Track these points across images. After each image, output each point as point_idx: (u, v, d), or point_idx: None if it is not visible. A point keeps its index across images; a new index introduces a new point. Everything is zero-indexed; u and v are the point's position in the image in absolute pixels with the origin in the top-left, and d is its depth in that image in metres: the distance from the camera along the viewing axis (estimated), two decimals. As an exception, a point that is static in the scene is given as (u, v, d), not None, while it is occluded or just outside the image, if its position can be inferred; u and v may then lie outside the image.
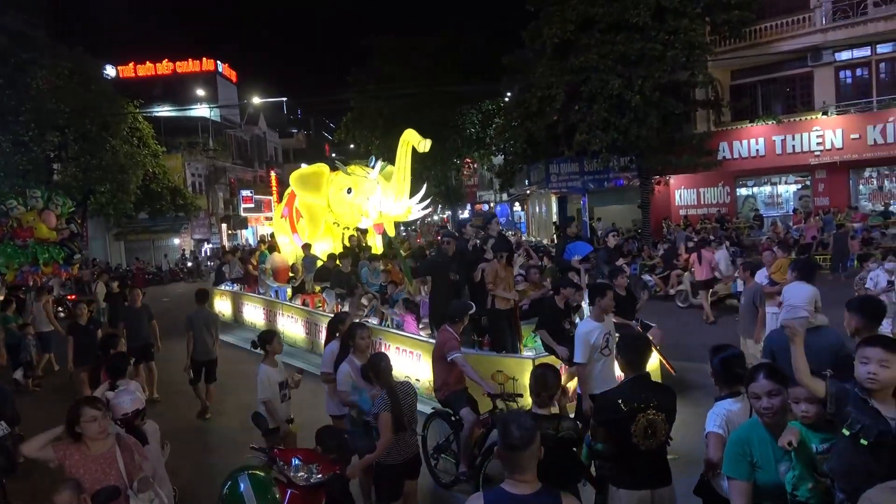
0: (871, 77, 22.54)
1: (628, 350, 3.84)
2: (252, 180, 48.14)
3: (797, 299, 5.95)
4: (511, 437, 2.55)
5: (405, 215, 13.21)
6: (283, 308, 13.13)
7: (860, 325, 4.08)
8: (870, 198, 23.38)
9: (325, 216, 13.73)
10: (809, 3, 22.44)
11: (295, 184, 13.82)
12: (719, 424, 3.46)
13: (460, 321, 6.04)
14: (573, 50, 20.68)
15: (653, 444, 3.56)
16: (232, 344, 13.32)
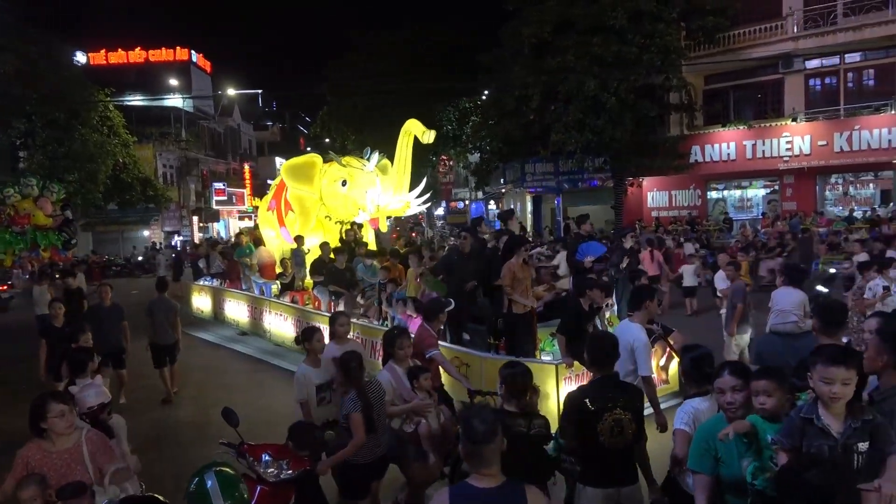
0: (839, 85, 23.09)
1: (596, 349, 3.88)
2: (225, 173, 47.54)
3: (786, 304, 5.97)
4: (473, 431, 2.59)
5: (403, 210, 12.72)
6: (270, 305, 12.52)
7: (817, 328, 4.22)
8: (835, 203, 23.97)
9: (317, 209, 13.12)
10: (782, 12, 22.88)
11: (286, 174, 13.10)
12: (686, 422, 3.55)
13: (437, 319, 6.06)
14: (550, 51, 20.81)
15: (619, 444, 3.61)
16: (211, 342, 13.05)
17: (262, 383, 9.70)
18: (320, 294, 11.24)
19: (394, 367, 5.10)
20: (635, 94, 20.18)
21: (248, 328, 13.22)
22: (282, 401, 8.03)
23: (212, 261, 15.85)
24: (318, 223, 13.24)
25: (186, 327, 13.91)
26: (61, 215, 20.27)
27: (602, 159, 23.03)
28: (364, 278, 10.86)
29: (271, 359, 11.20)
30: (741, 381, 3.14)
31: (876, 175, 23.33)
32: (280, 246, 14.28)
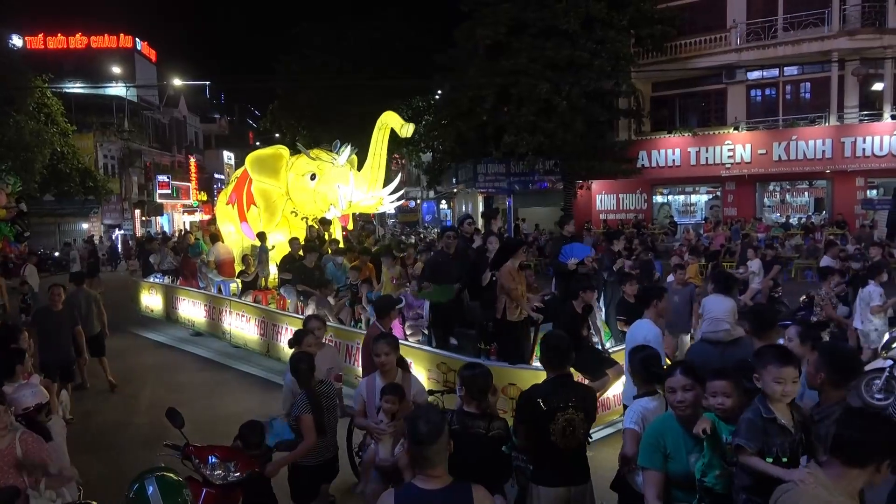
0: (779, 97, 24.08)
1: (551, 349, 3.91)
2: (170, 165, 46.14)
3: (718, 312, 5.92)
4: (419, 431, 2.58)
5: (375, 207, 12.19)
6: (231, 305, 11.64)
7: (750, 330, 4.39)
8: (773, 210, 24.97)
9: (283, 204, 12.38)
10: (726, 24, 23.68)
11: (251, 166, 12.32)
12: (635, 421, 3.63)
13: (388, 316, 6.01)
14: (504, 52, 20.99)
15: (571, 444, 3.65)
16: (162, 343, 12.32)
17: (218, 386, 9.21)
18: (287, 294, 10.68)
19: (375, 378, 4.56)
20: (586, 99, 20.56)
21: (205, 329, 12.47)
22: (242, 405, 7.87)
23: (163, 256, 15.00)
24: (283, 219, 12.59)
25: (134, 327, 13.50)
26: (15, 207, 19.39)
27: (553, 162, 23.37)
28: (334, 278, 10.37)
29: (230, 361, 10.61)
30: (691, 380, 3.23)
31: (811, 184, 24.43)
32: (240, 242, 13.63)
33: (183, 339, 12.48)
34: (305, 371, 4.44)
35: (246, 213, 13.04)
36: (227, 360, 10.76)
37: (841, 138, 22.12)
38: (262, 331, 10.66)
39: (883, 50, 21.59)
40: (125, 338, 12.44)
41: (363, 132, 12.80)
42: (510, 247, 7.43)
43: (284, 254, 11.31)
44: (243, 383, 9.27)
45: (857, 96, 22.38)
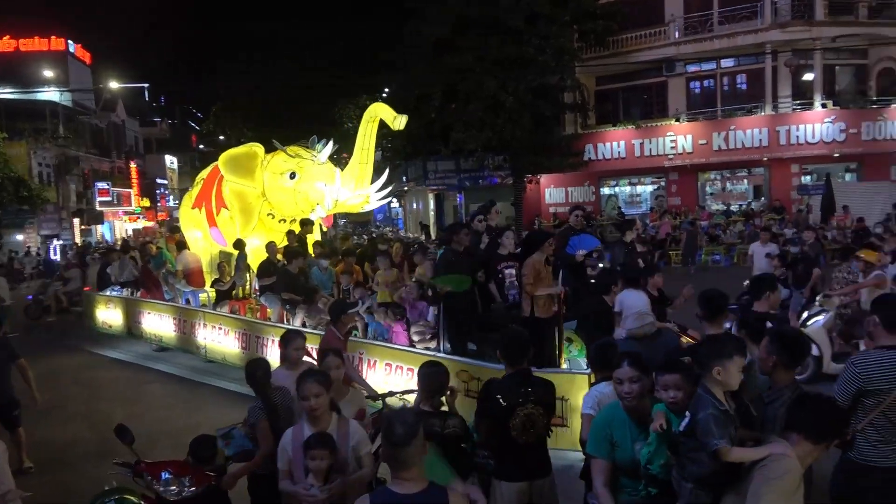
0: (716, 88, 24.86)
1: (510, 345, 3.95)
2: (109, 172, 44.57)
3: (641, 306, 5.99)
4: (394, 433, 2.56)
5: (361, 205, 11.38)
6: (205, 317, 10.81)
7: (703, 317, 4.51)
8: (715, 198, 25.78)
9: (260, 206, 11.53)
10: (664, 18, 24.29)
11: (223, 166, 11.38)
12: (591, 406, 3.73)
13: (342, 322, 5.94)
14: (450, 50, 21.03)
15: (531, 438, 3.69)
16: (123, 361, 11.46)
17: (190, 403, 8.63)
18: (269, 302, 10.04)
19: (302, 427, 3.71)
20: (532, 95, 20.78)
21: (175, 343, 11.61)
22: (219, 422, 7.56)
23: (123, 267, 13.80)
24: (259, 222, 11.75)
25: (91, 345, 12.62)
26: None
27: (502, 157, 23.56)
28: (319, 283, 9.76)
29: (204, 377, 9.92)
30: (639, 372, 3.30)
31: (749, 172, 25.32)
32: (208, 249, 12.78)
33: (147, 356, 11.67)
34: (261, 378, 4.36)
35: (216, 217, 12.14)
36: (200, 376, 10.07)
37: (776, 127, 22.98)
38: (243, 343, 9.89)
39: (812, 41, 22.53)
40: (78, 355, 11.80)
41: (309, 133, 12.36)
42: (537, 240, 7.02)
43: (262, 259, 10.65)
44: (219, 399, 8.70)
45: (789, 86, 23.28)
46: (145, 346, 12.15)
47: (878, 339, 3.54)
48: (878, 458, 3.42)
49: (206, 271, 12.71)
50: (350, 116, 33.12)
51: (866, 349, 3.81)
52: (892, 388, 3.36)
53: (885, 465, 3.40)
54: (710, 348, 3.11)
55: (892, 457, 3.40)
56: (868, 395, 3.42)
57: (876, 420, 3.41)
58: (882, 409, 3.39)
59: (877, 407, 3.40)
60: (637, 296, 6.15)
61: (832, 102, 23.34)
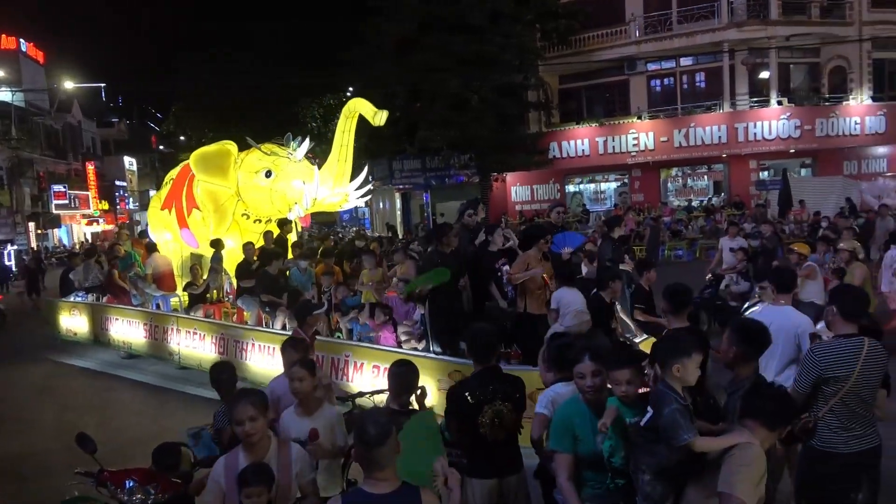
0: (676, 86, 25.33)
1: (477, 342, 3.96)
2: (66, 174, 43.37)
3: (578, 304, 6.02)
4: (366, 433, 2.55)
5: (340, 204, 11.05)
6: (179, 322, 10.35)
7: (667, 310, 4.61)
8: (676, 194, 26.27)
9: (234, 206, 11.12)
10: (625, 18, 24.65)
11: (195, 165, 10.94)
12: (545, 405, 3.73)
13: (307, 324, 5.88)
14: (414, 48, 21.01)
15: (500, 435, 3.70)
16: (90, 369, 10.91)
17: (162, 411, 8.22)
18: (246, 305, 9.73)
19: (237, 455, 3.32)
20: (497, 93, 20.90)
21: (146, 350, 11.11)
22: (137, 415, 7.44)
23: (87, 271, 13.12)
24: (233, 223, 11.35)
25: (55, 354, 12.04)
26: None
27: (467, 156, 23.64)
28: (299, 284, 9.45)
29: (178, 385, 9.46)
30: (599, 366, 3.34)
31: (709, 168, 25.88)
32: (178, 251, 12.32)
33: (116, 364, 11.18)
34: (226, 381, 4.30)
35: (187, 218, 11.66)
36: (173, 383, 9.63)
37: (734, 124, 23.53)
38: (220, 349, 9.43)
39: (768, 40, 23.13)
40: (40, 365, 11.27)
41: (273, 132, 12.10)
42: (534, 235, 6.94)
43: (238, 261, 10.32)
44: (194, 406, 8.25)
45: (746, 84, 23.87)
46: (113, 353, 11.65)
47: (836, 329, 3.66)
48: (838, 445, 3.53)
49: (177, 275, 12.28)
50: (313, 115, 32.81)
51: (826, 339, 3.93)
52: (849, 375, 3.47)
53: (846, 451, 3.51)
54: (670, 346, 3.15)
55: (851, 443, 3.52)
56: (827, 382, 3.52)
57: (835, 407, 3.52)
58: (841, 396, 3.50)
59: (836, 394, 3.51)
60: (573, 294, 6.19)
61: (787, 100, 24.02)
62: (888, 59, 24.95)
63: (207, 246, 11.36)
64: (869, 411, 3.57)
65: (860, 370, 3.47)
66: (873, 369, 3.53)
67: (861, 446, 3.52)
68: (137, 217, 53.65)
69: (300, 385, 3.86)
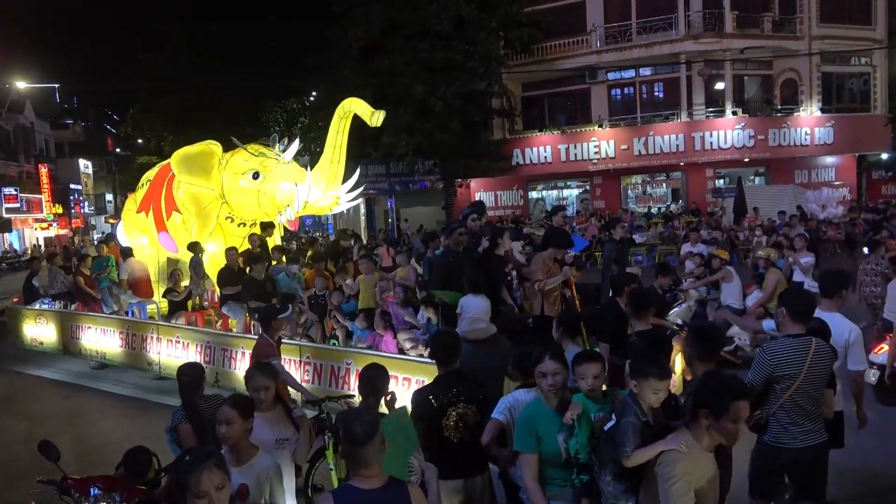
0: (636, 95, 25.91)
1: (439, 346, 4.06)
2: (17, 176, 41.99)
3: (475, 311, 6.08)
4: (354, 433, 2.63)
5: (331, 207, 10.72)
6: (159, 330, 9.80)
7: (630, 312, 4.78)
8: (636, 201, 26.83)
9: (218, 209, 10.68)
10: (586, 27, 25.13)
11: (178, 166, 10.42)
12: (501, 411, 3.81)
13: (273, 328, 5.88)
14: (379, 53, 21.05)
15: (465, 436, 3.79)
16: (59, 381, 10.31)
17: (138, 423, 7.71)
18: (232, 312, 9.35)
19: None
20: (461, 100, 21.07)
21: (122, 360, 10.52)
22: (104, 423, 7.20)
23: (53, 277, 12.43)
24: (216, 226, 10.94)
25: (20, 365, 11.35)
26: None
27: (432, 162, 23.75)
28: (287, 289, 9.19)
29: (156, 396, 8.95)
30: (561, 364, 3.48)
31: (668, 176, 26.52)
32: (155, 256, 11.82)
33: (86, 375, 10.60)
34: (186, 382, 4.33)
35: (166, 221, 11.18)
36: (150, 394, 9.15)
37: (691, 133, 24.18)
38: (207, 358, 8.92)
39: (723, 52, 23.86)
40: (2, 376, 10.70)
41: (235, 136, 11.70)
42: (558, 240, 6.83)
43: (220, 266, 9.90)
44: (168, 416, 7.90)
45: (703, 94, 24.55)
46: (82, 364, 11.05)
47: (786, 329, 3.85)
48: (788, 440, 3.73)
49: (154, 280, 11.79)
50: (276, 120, 32.49)
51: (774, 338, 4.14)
52: (799, 372, 3.66)
53: (794, 447, 3.72)
54: (634, 363, 3.30)
55: (800, 438, 3.72)
56: (778, 380, 3.71)
57: (785, 404, 3.72)
58: (790, 393, 3.69)
59: (786, 391, 3.70)
60: (476, 301, 6.21)
61: (741, 110, 24.80)
62: (836, 72, 26.01)
63: (187, 250, 10.88)
64: (817, 408, 3.77)
65: (808, 368, 3.67)
66: (820, 368, 3.73)
67: (809, 441, 3.72)
68: (93, 221, 52.31)
69: (227, 430, 3.27)
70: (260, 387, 3.86)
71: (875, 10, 25.79)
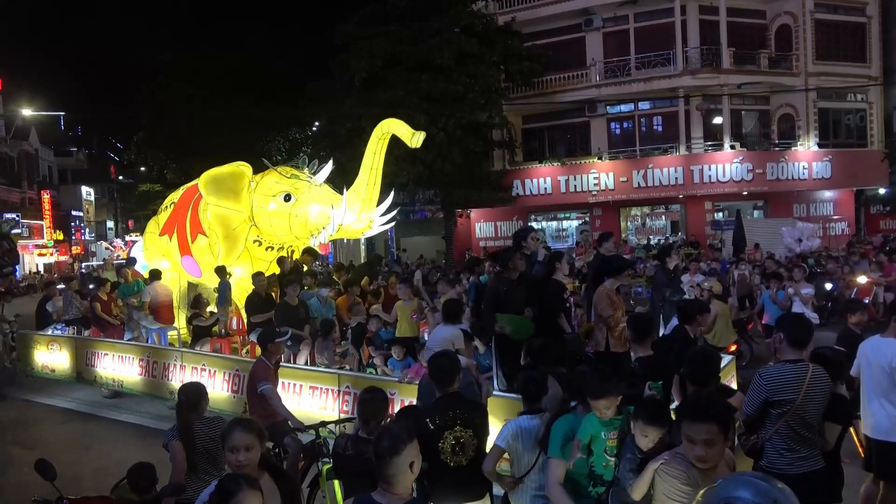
0: (635, 129, 26.17)
1: (436, 371, 4.03)
2: (19, 203, 42.26)
3: (434, 343, 5.90)
4: (378, 445, 2.66)
5: (364, 230, 10.46)
6: (183, 357, 9.42)
7: (632, 338, 4.79)
8: (636, 233, 26.90)
9: (247, 232, 10.38)
10: (586, 62, 25.51)
11: (206, 188, 10.19)
12: (504, 437, 3.79)
13: (267, 350, 5.84)
14: (381, 84, 21.31)
15: (462, 461, 3.75)
16: (73, 410, 9.99)
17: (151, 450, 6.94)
18: None
19: None
20: (462, 130, 21.28)
21: (141, 388, 10.06)
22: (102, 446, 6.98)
23: (67, 302, 12.08)
24: (244, 250, 10.63)
25: (25, 392, 11.09)
26: None
27: (432, 191, 23.87)
28: (319, 315, 8.95)
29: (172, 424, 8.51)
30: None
31: (667, 208, 26.62)
32: (176, 280, 11.65)
33: (98, 403, 10.25)
34: (183, 401, 4.30)
35: (190, 244, 10.86)
36: (165, 423, 8.33)
37: (690, 166, 24.36)
38: (235, 387, 8.49)
39: (720, 87, 24.18)
40: (8, 404, 10.43)
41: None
42: (613, 267, 6.58)
43: (246, 291, 9.69)
44: None
45: (701, 128, 24.80)
46: (95, 392, 10.66)
47: (783, 354, 3.86)
48: (784, 466, 3.69)
49: (175, 306, 11.56)
50: (279, 150, 32.72)
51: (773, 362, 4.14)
52: (795, 398, 3.65)
53: (791, 473, 3.66)
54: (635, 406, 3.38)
55: (797, 464, 3.67)
56: (774, 405, 3.70)
57: (781, 429, 3.70)
58: (786, 418, 3.67)
59: (782, 417, 3.69)
60: (440, 331, 6.03)
61: (739, 144, 25.03)
62: (832, 108, 26.32)
63: (212, 274, 10.58)
64: (814, 434, 3.74)
65: (805, 394, 3.65)
66: (817, 393, 3.71)
67: (805, 468, 3.68)
68: (93, 248, 52.36)
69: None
70: (239, 446, 2.96)
71: (870, 48, 26.22)
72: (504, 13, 25.19)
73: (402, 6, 22.07)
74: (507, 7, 25.55)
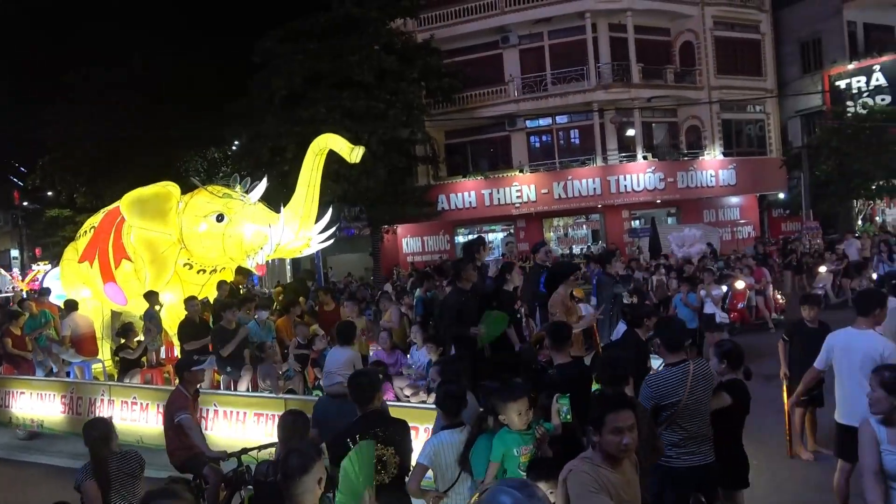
0: (553, 142, 26.99)
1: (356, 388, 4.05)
2: None
3: (331, 365, 5.87)
4: (286, 463, 2.69)
5: (301, 250, 10.14)
6: (111, 391, 8.76)
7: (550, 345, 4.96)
8: (559, 243, 27.65)
9: (176, 255, 9.86)
10: (504, 78, 26.15)
11: (129, 210, 9.61)
12: (427, 454, 3.83)
13: (187, 380, 5.68)
14: (302, 102, 21.12)
15: (384, 479, 3.75)
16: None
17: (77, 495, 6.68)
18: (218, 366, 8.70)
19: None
20: (385, 147, 21.34)
21: (64, 427, 9.27)
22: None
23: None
24: (173, 274, 10.13)
25: None
26: None
27: (358, 208, 23.78)
28: (257, 338, 8.71)
29: None
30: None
31: (587, 218, 27.51)
32: (98, 310, 11.03)
33: (12, 447, 9.47)
34: (95, 438, 4.14)
35: (114, 270, 10.28)
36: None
37: (607, 177, 25.31)
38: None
39: (631, 101, 25.30)
40: None
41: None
42: (562, 272, 6.64)
43: (178, 318, 9.27)
44: None
45: (615, 140, 25.85)
46: (11, 433, 9.84)
47: (665, 358, 4.13)
48: (673, 460, 3.99)
49: (98, 337, 10.93)
50: (197, 170, 31.71)
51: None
52: (679, 399, 3.91)
53: (678, 466, 3.97)
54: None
55: (684, 457, 3.98)
56: (663, 408, 3.97)
57: (670, 427, 3.99)
58: (675, 417, 3.96)
59: (670, 416, 3.97)
60: (336, 353, 6.03)
61: (651, 155, 26.23)
62: (734, 119, 28.04)
63: (138, 302, 10.00)
64: (703, 429, 4.00)
65: (689, 391, 3.93)
66: (702, 388, 4.00)
67: (692, 462, 3.95)
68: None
69: None
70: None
71: (765, 63, 28.14)
72: (423, 31, 25.52)
73: (320, 24, 22.00)
74: (425, 25, 25.88)
